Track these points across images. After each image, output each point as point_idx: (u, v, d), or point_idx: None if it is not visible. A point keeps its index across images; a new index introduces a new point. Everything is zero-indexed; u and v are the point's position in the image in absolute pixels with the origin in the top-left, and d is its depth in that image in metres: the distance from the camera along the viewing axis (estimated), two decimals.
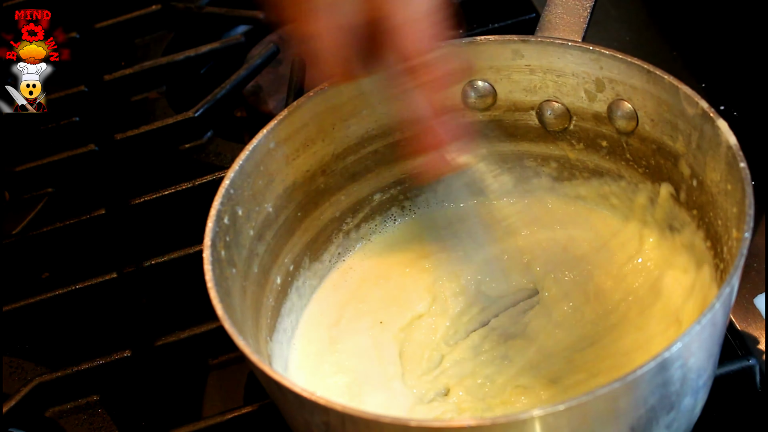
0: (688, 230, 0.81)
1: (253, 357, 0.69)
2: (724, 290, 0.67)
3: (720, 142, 0.74)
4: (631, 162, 0.84)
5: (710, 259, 0.78)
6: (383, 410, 0.77)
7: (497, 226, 0.88)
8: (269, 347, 0.81)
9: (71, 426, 0.87)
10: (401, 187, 0.90)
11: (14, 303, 0.93)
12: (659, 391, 0.67)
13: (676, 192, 0.81)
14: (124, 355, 0.88)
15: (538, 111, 0.86)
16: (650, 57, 1.02)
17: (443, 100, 0.75)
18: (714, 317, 0.67)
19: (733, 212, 0.72)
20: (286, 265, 0.85)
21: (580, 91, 0.83)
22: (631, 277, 0.83)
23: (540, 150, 0.88)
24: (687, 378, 0.68)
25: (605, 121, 0.83)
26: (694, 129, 0.77)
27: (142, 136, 1.05)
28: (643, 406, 0.67)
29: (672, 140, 0.79)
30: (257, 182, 0.82)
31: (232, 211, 0.79)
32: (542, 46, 0.83)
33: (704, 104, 0.75)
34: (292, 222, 0.85)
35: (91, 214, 0.99)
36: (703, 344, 0.68)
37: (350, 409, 0.66)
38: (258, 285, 0.82)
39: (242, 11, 1.16)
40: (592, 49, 0.81)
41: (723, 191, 0.74)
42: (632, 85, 0.80)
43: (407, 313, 0.85)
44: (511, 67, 0.84)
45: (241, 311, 0.77)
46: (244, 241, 0.80)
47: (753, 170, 0.86)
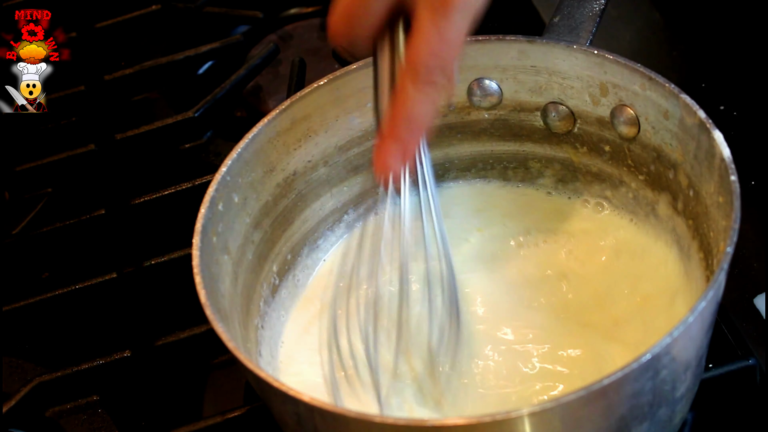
0: (684, 240, 0.81)
1: (231, 344, 0.69)
2: (699, 305, 0.66)
3: (714, 153, 0.73)
4: (633, 168, 0.84)
5: (702, 270, 0.77)
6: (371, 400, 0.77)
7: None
8: (259, 333, 0.82)
9: (71, 426, 0.87)
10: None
11: (14, 303, 0.93)
12: (629, 401, 0.66)
13: (674, 201, 0.81)
14: (124, 355, 0.88)
15: (543, 112, 0.86)
16: (650, 57, 1.03)
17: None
18: (688, 330, 0.66)
19: (723, 225, 0.71)
20: (283, 253, 0.86)
21: (584, 94, 0.83)
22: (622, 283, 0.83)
23: (544, 151, 0.88)
24: (660, 389, 0.68)
25: (608, 126, 0.83)
26: (691, 139, 0.76)
27: (142, 135, 1.05)
28: (612, 416, 0.66)
29: (671, 149, 0.79)
30: (256, 170, 0.82)
31: (228, 198, 0.80)
32: (548, 47, 0.83)
33: (702, 114, 0.75)
34: (291, 211, 0.86)
35: (91, 214, 0.99)
36: (678, 356, 0.67)
37: (317, 401, 0.66)
38: (252, 272, 0.82)
39: (242, 11, 1.16)
40: (596, 53, 0.81)
41: (715, 203, 0.74)
42: (634, 91, 0.80)
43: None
44: (517, 67, 0.85)
45: (230, 297, 0.78)
46: (240, 228, 0.81)
47: (753, 170, 0.86)
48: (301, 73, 1.06)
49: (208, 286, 0.73)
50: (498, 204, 0.90)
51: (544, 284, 0.84)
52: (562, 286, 0.84)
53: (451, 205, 0.90)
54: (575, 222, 0.88)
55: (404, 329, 0.79)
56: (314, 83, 0.84)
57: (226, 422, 0.82)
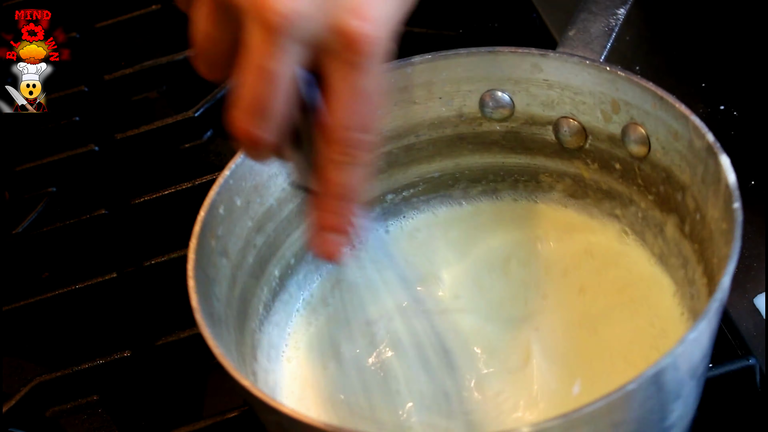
0: (690, 264, 0.79)
1: (217, 349, 0.69)
2: (688, 336, 0.65)
3: (720, 178, 0.72)
4: (642, 188, 0.83)
5: (705, 296, 0.76)
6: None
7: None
8: (257, 337, 0.81)
9: (71, 426, 0.87)
10: (414, 190, 0.90)
11: (14, 303, 0.93)
12: (611, 430, 0.65)
13: (681, 223, 0.80)
14: (124, 355, 0.88)
15: (554, 127, 0.85)
16: (650, 57, 1.03)
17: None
18: (675, 361, 0.65)
19: (724, 253, 0.69)
20: (286, 258, 0.85)
21: (596, 110, 0.82)
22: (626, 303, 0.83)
23: (555, 166, 0.88)
24: (647, 419, 0.67)
25: (619, 144, 0.82)
26: (700, 162, 0.75)
27: (143, 135, 1.05)
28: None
29: (680, 171, 0.78)
30: (261, 174, 0.82)
31: (230, 202, 0.79)
32: (560, 61, 0.82)
33: (710, 138, 0.73)
34: (296, 215, 0.85)
35: (91, 214, 0.99)
36: (664, 386, 0.66)
37: (291, 411, 0.66)
38: (252, 276, 0.82)
39: None
40: (609, 69, 0.80)
41: (719, 229, 0.73)
42: (646, 110, 0.79)
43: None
44: (529, 81, 0.84)
45: (227, 301, 0.77)
46: (241, 231, 0.81)
47: (753, 170, 0.86)
48: None
49: (201, 290, 0.73)
50: (502, 220, 0.90)
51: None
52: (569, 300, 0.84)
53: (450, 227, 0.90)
54: (583, 238, 0.87)
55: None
56: None
57: (226, 422, 0.82)
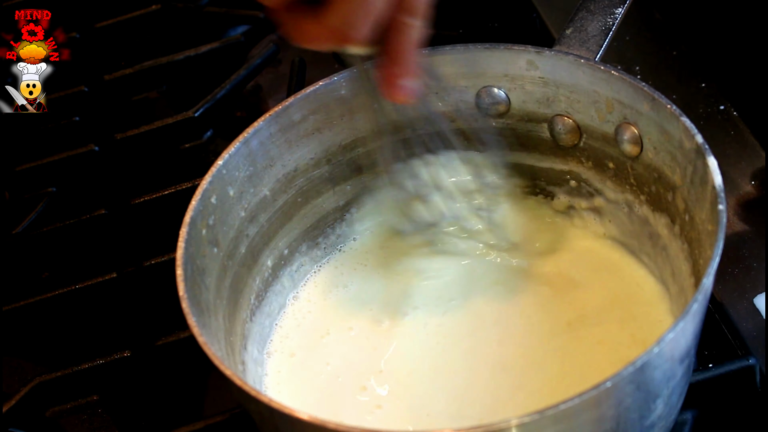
0: (677, 264, 0.80)
1: (201, 338, 0.70)
2: (667, 335, 0.65)
3: (708, 180, 0.72)
4: (635, 187, 0.83)
5: (691, 296, 0.75)
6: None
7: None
8: (247, 327, 0.82)
9: (71, 426, 0.87)
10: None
11: (14, 303, 0.93)
12: (590, 427, 0.66)
13: (672, 224, 0.80)
14: (124, 355, 0.88)
15: (550, 124, 0.86)
16: (650, 57, 1.03)
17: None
18: (652, 360, 0.65)
19: (708, 255, 0.70)
20: (280, 249, 0.86)
21: (590, 109, 0.83)
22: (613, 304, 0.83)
23: (551, 163, 0.88)
24: (625, 418, 0.67)
25: (613, 143, 0.83)
26: (689, 163, 0.76)
27: (143, 135, 1.05)
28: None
29: (671, 171, 0.78)
30: (255, 164, 0.83)
31: (222, 191, 0.80)
32: (555, 59, 0.82)
33: (699, 139, 0.74)
34: (290, 207, 0.86)
35: (91, 214, 0.99)
36: (642, 385, 0.66)
37: (272, 402, 0.66)
38: (244, 266, 0.82)
39: (242, 11, 1.16)
40: (602, 69, 0.80)
41: (706, 231, 0.73)
42: (638, 109, 0.79)
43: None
44: (525, 78, 0.84)
45: (216, 290, 0.78)
46: (233, 221, 0.81)
47: (753, 170, 0.86)
48: (301, 73, 1.06)
49: (189, 279, 0.74)
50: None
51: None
52: (559, 299, 0.84)
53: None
54: (574, 239, 0.88)
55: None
56: (319, 81, 0.84)
57: (226, 422, 0.82)
